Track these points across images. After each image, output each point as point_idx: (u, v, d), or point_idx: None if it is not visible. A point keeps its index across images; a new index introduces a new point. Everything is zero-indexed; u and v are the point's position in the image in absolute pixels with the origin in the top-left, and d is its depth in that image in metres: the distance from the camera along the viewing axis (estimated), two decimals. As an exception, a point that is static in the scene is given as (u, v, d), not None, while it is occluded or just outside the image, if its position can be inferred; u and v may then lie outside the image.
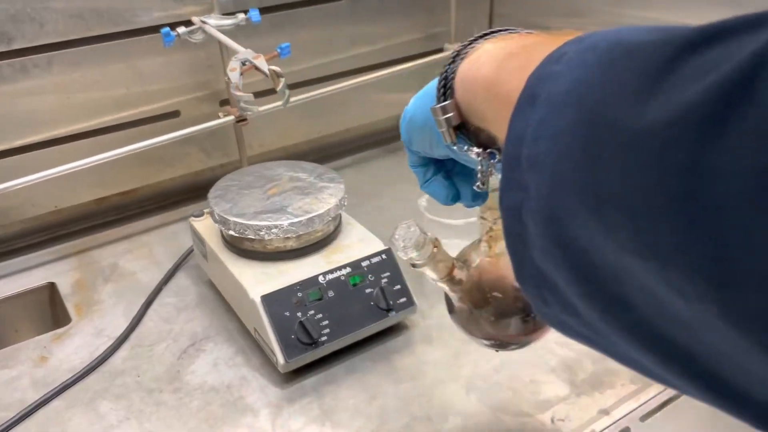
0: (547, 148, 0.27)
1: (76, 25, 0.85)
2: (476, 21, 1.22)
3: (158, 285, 0.84)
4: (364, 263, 0.73)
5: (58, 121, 0.89)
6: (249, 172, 0.82)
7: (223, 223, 0.73)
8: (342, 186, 0.77)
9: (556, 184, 0.27)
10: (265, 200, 0.75)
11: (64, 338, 0.77)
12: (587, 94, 0.26)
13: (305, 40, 1.04)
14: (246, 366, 0.72)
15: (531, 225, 0.28)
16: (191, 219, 0.82)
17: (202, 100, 0.99)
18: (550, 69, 0.30)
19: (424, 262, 0.47)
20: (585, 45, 0.29)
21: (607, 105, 0.25)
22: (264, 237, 0.71)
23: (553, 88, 0.28)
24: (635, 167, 0.23)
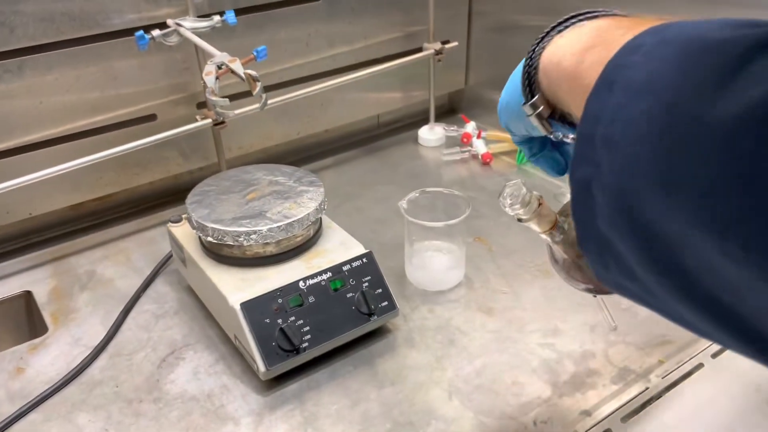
0: (622, 131, 0.30)
1: (47, 29, 0.84)
2: (455, 19, 1.21)
3: (136, 292, 0.83)
4: (345, 267, 0.73)
5: (30, 126, 0.88)
6: (227, 177, 0.81)
7: (201, 229, 0.72)
8: (322, 189, 0.77)
9: (631, 163, 0.30)
10: (244, 205, 0.74)
11: (41, 348, 0.76)
12: (665, 85, 0.29)
13: (282, 40, 1.03)
14: (227, 374, 0.71)
15: (599, 197, 0.32)
16: (169, 225, 0.81)
17: (179, 102, 0.98)
18: (629, 59, 0.32)
19: (530, 217, 0.52)
20: (662, 38, 0.31)
21: (682, 97, 0.28)
22: (243, 243, 0.70)
23: (631, 75, 0.31)
24: (707, 152, 0.26)
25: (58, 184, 0.89)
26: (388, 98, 1.22)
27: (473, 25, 1.24)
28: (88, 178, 0.94)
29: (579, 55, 0.38)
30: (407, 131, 1.26)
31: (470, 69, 1.29)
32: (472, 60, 1.28)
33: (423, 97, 1.24)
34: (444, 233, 0.82)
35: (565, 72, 0.39)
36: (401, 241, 0.85)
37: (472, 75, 1.29)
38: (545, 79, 0.42)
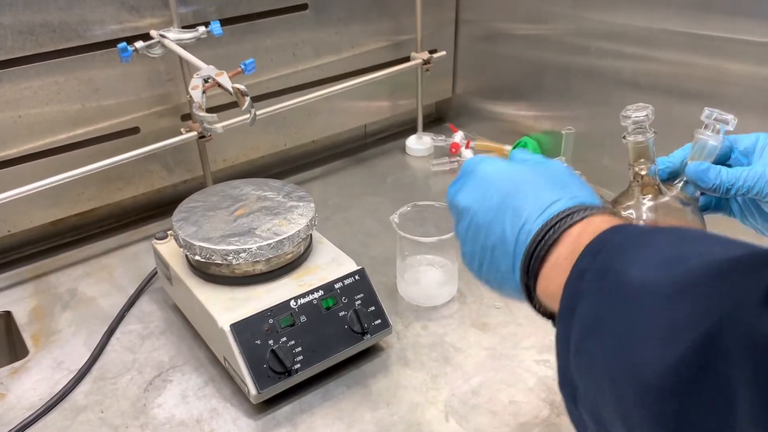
0: (588, 364, 0.36)
1: (26, 42, 0.81)
2: (441, 28, 1.20)
3: (120, 312, 0.81)
4: (337, 285, 0.71)
5: (9, 140, 0.85)
6: (214, 192, 0.79)
7: (188, 247, 0.70)
8: (312, 205, 0.75)
9: (597, 401, 0.35)
10: (232, 222, 0.72)
11: (22, 372, 0.73)
12: (607, 336, 0.34)
13: (269, 50, 1.01)
14: (216, 397, 0.69)
15: (583, 412, 0.37)
16: (154, 241, 0.79)
17: (163, 114, 0.95)
18: (578, 286, 0.37)
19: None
20: (602, 274, 0.36)
21: (624, 353, 0.33)
22: (232, 262, 0.68)
23: (581, 310, 0.36)
24: (641, 414, 0.31)
25: (38, 199, 0.87)
26: (376, 108, 1.20)
27: (460, 34, 1.23)
28: (69, 193, 0.91)
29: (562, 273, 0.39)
30: (394, 141, 1.25)
31: (457, 77, 1.28)
32: (459, 68, 1.27)
33: (410, 107, 1.23)
34: (436, 247, 0.81)
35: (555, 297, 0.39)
36: (392, 254, 0.84)
37: (459, 83, 1.28)
38: (542, 296, 0.42)
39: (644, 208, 0.57)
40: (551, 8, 1.04)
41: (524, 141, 1.12)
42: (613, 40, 0.96)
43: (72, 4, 0.82)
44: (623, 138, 0.57)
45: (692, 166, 0.55)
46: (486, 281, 0.47)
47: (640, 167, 0.57)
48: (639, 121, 0.55)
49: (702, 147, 0.55)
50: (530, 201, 0.43)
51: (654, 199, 0.57)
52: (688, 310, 0.30)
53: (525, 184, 0.45)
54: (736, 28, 0.81)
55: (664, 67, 0.92)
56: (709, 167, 0.54)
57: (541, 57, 1.09)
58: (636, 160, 0.57)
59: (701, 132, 0.56)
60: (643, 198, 0.57)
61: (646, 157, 0.56)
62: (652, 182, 0.57)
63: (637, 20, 0.93)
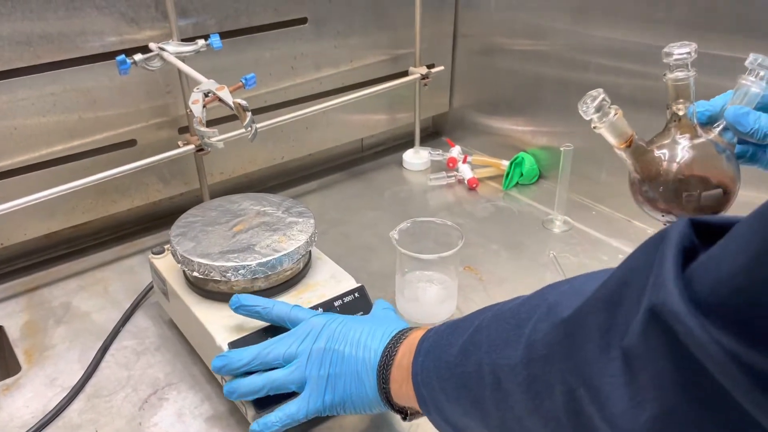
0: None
1: (24, 52, 0.80)
2: (439, 42, 1.21)
3: (115, 327, 0.79)
4: (337, 303, 0.70)
5: (4, 152, 0.84)
6: (212, 207, 0.78)
7: (186, 263, 0.69)
8: (312, 221, 0.74)
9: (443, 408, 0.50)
10: (231, 238, 0.71)
11: (14, 390, 0.72)
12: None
13: (267, 63, 1.01)
14: (213, 416, 0.68)
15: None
16: (150, 256, 0.78)
17: (160, 126, 0.95)
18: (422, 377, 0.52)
19: (602, 125, 0.57)
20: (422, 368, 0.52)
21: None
22: (230, 278, 0.67)
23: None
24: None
25: (33, 212, 0.85)
26: (373, 121, 1.20)
27: (458, 48, 1.23)
28: (64, 205, 0.90)
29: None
30: (391, 154, 1.25)
31: (454, 92, 1.28)
32: (457, 83, 1.27)
33: (407, 121, 1.23)
34: (436, 264, 0.81)
35: (404, 393, 0.54)
36: (390, 270, 0.83)
37: (456, 98, 1.29)
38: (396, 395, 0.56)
39: (679, 147, 0.56)
40: (550, 24, 1.05)
41: (521, 156, 1.12)
42: (612, 56, 0.97)
43: (71, 16, 0.82)
44: (663, 76, 0.56)
45: (732, 109, 0.54)
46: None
47: (678, 107, 0.56)
48: (681, 58, 0.54)
49: (744, 93, 0.54)
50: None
51: (690, 140, 0.56)
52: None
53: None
54: (737, 47, 0.82)
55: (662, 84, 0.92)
56: (749, 111, 0.54)
57: (539, 72, 1.09)
58: (675, 99, 0.56)
59: (744, 77, 0.55)
60: (678, 137, 0.56)
61: (685, 97, 0.56)
62: (689, 124, 0.56)
63: (636, 37, 0.93)
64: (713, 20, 0.84)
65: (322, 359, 0.58)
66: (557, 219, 1.00)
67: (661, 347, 0.30)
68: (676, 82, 0.55)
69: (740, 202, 0.85)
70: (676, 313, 0.29)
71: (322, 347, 0.59)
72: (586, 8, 0.99)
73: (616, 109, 0.57)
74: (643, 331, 0.31)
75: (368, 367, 0.57)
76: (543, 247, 0.95)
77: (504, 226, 1.01)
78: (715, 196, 0.57)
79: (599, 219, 1.02)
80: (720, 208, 0.58)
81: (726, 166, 0.57)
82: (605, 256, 0.93)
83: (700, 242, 0.32)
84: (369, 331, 0.59)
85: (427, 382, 0.51)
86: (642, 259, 0.34)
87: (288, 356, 0.60)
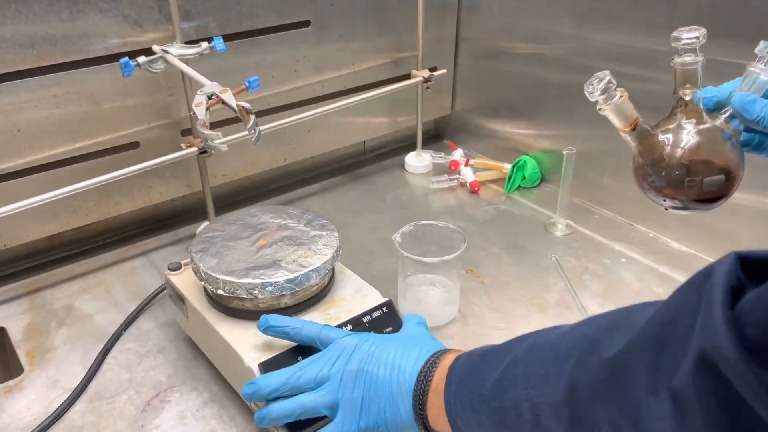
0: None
1: (27, 55, 0.80)
2: (441, 45, 1.21)
3: (117, 331, 0.79)
4: (365, 318, 0.67)
5: (6, 154, 0.84)
6: (232, 221, 0.75)
7: (209, 281, 0.66)
8: (336, 234, 0.72)
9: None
10: (255, 253, 0.68)
11: (16, 391, 0.72)
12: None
13: (270, 66, 1.01)
14: (216, 418, 0.68)
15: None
16: (167, 273, 0.74)
17: (163, 128, 0.95)
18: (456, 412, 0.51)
19: (607, 106, 0.56)
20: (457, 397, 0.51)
21: None
22: (257, 296, 0.64)
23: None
24: None
25: (35, 214, 0.85)
26: (375, 124, 1.20)
27: (460, 51, 1.24)
28: (66, 208, 0.90)
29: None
30: (393, 157, 1.25)
31: (456, 95, 1.28)
32: (459, 86, 1.27)
33: (409, 123, 1.23)
34: (438, 267, 0.81)
35: (442, 421, 0.53)
36: (392, 273, 0.83)
37: (458, 101, 1.29)
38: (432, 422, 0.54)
39: (684, 132, 0.56)
40: (552, 28, 1.05)
41: (523, 160, 1.12)
42: (615, 60, 0.97)
43: (74, 18, 0.82)
44: (671, 60, 0.55)
45: (738, 96, 0.54)
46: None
47: (684, 91, 0.56)
48: (690, 42, 0.54)
49: (752, 80, 0.54)
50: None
51: (696, 125, 0.56)
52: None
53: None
54: (739, 53, 0.81)
55: (665, 88, 0.92)
56: (756, 99, 0.53)
57: (541, 76, 1.09)
58: (682, 84, 0.55)
59: (753, 65, 0.54)
60: (684, 122, 0.56)
61: (693, 82, 0.55)
62: (696, 109, 0.56)
63: (638, 41, 0.93)
64: (716, 25, 0.84)
65: (355, 381, 0.56)
66: (559, 222, 1.00)
67: (713, 393, 0.30)
68: (684, 66, 0.55)
69: (742, 206, 0.85)
70: (728, 359, 0.28)
71: (354, 369, 0.57)
72: (588, 12, 0.99)
73: (621, 91, 0.56)
74: (693, 374, 0.31)
75: (403, 390, 0.55)
76: (545, 251, 0.95)
77: (506, 230, 1.01)
78: (718, 182, 0.56)
79: (601, 222, 1.02)
80: (722, 194, 0.57)
81: (731, 153, 0.56)
82: (607, 260, 0.93)
83: (747, 277, 0.32)
84: (403, 353, 0.57)
85: (461, 413, 0.49)
86: (688, 296, 0.33)
87: (320, 379, 0.57)
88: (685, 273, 0.89)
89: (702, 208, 0.58)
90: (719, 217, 0.90)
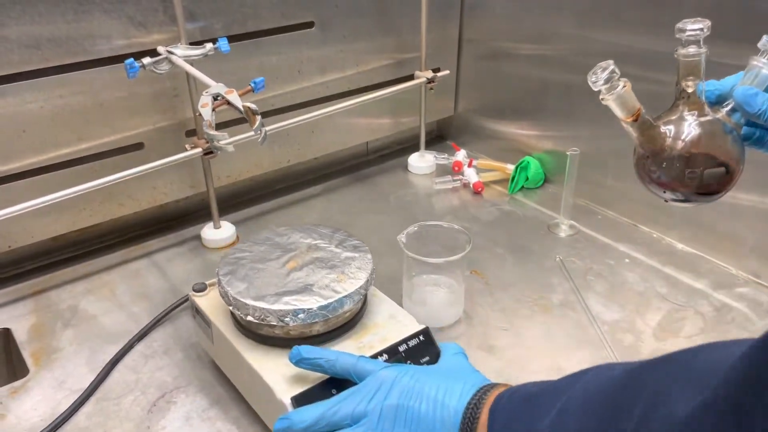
0: None
1: (32, 55, 0.81)
2: (444, 46, 1.21)
3: (130, 341, 0.77)
4: (402, 347, 0.64)
5: (12, 155, 0.84)
6: (260, 241, 0.72)
7: (238, 306, 0.63)
8: (369, 256, 0.69)
9: None
10: (285, 277, 0.66)
11: (22, 392, 0.72)
12: None
13: (274, 67, 1.01)
14: (222, 419, 0.68)
15: None
16: (192, 294, 0.71)
17: (168, 130, 0.95)
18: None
19: (609, 96, 0.56)
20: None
21: None
22: (288, 323, 0.62)
23: None
24: None
25: (40, 215, 0.85)
26: (378, 125, 1.20)
27: (463, 52, 1.24)
28: (71, 209, 0.90)
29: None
30: (396, 158, 1.25)
31: (459, 96, 1.28)
32: (462, 87, 1.27)
33: (412, 124, 1.23)
34: (444, 268, 0.81)
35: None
36: (396, 274, 0.84)
37: (461, 102, 1.29)
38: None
39: (685, 124, 0.56)
40: (555, 28, 1.05)
41: (526, 160, 1.12)
42: (618, 61, 0.96)
43: (79, 19, 0.82)
44: (675, 52, 0.55)
45: (741, 89, 0.54)
46: None
47: (687, 83, 0.56)
48: (694, 34, 0.54)
49: (755, 74, 0.54)
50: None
51: (697, 117, 0.55)
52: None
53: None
54: (742, 55, 0.82)
55: (668, 89, 0.92)
56: (758, 92, 0.53)
57: (544, 76, 1.09)
58: (684, 76, 0.55)
59: (756, 59, 0.54)
60: (686, 114, 0.56)
61: (695, 74, 0.55)
62: (698, 101, 0.56)
63: (641, 42, 0.93)
64: (720, 26, 0.84)
65: (395, 417, 0.53)
66: (563, 223, 1.00)
67: None
68: (687, 57, 0.55)
69: (745, 206, 0.85)
70: None
71: (394, 404, 0.54)
72: (591, 12, 0.99)
73: (625, 81, 0.56)
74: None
75: (447, 427, 0.52)
76: (549, 252, 0.95)
77: (509, 230, 1.01)
78: (718, 174, 0.56)
79: (605, 223, 1.02)
80: (722, 187, 0.57)
81: (731, 146, 0.56)
82: (611, 261, 0.93)
83: None
84: (446, 388, 0.54)
85: None
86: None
87: (357, 415, 0.54)
88: (689, 274, 0.89)
89: (702, 201, 0.58)
90: (723, 217, 0.90)
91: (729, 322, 0.80)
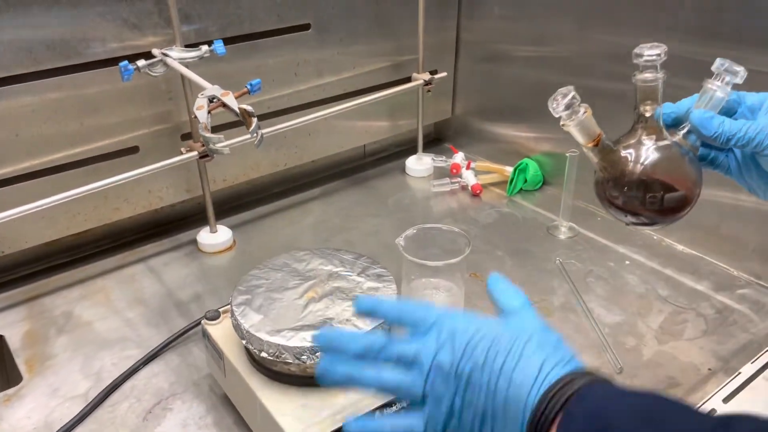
0: None
1: (25, 59, 0.80)
2: (442, 48, 1.20)
3: (135, 365, 0.74)
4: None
5: (5, 159, 0.83)
6: (277, 266, 0.68)
7: (252, 341, 0.59)
8: (393, 286, 0.66)
9: None
10: (303, 308, 0.62)
11: (15, 400, 0.71)
12: None
13: (270, 69, 1.00)
14: (218, 426, 0.67)
15: None
16: (204, 322, 0.67)
17: (163, 134, 0.94)
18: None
19: (570, 122, 0.57)
20: None
21: None
22: (305, 362, 0.58)
23: None
24: None
25: (33, 219, 0.85)
26: (376, 128, 1.19)
27: (460, 55, 1.23)
28: (65, 213, 0.89)
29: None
30: (394, 161, 1.24)
31: (457, 98, 1.28)
32: (459, 89, 1.27)
33: (410, 127, 1.22)
34: (443, 271, 0.80)
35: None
36: (394, 277, 0.82)
37: (458, 104, 1.28)
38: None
39: (644, 148, 0.57)
40: (554, 30, 1.05)
41: (525, 162, 1.12)
42: (618, 62, 0.96)
43: (73, 22, 0.81)
44: (633, 76, 0.56)
45: (697, 112, 0.55)
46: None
47: (645, 108, 0.56)
48: (651, 60, 0.55)
49: (709, 97, 0.55)
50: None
51: (655, 141, 0.57)
52: None
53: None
54: (743, 56, 0.81)
55: (668, 90, 0.92)
56: (713, 116, 0.54)
57: (542, 78, 1.08)
58: (642, 100, 0.56)
59: (710, 82, 0.55)
60: (644, 139, 0.57)
61: (653, 99, 0.56)
62: (656, 125, 0.57)
63: (640, 43, 0.92)
64: (719, 27, 0.83)
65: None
66: (562, 225, 1.00)
67: None
68: (645, 83, 0.56)
69: (746, 208, 0.85)
70: None
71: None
72: (590, 14, 0.99)
73: (585, 107, 0.57)
74: None
75: (516, 411, 0.41)
76: (548, 254, 0.95)
77: (509, 233, 1.01)
78: (678, 197, 0.58)
79: (604, 225, 1.01)
80: (682, 210, 0.59)
81: (689, 169, 0.57)
82: (612, 263, 0.92)
83: None
84: (520, 358, 0.43)
85: None
86: None
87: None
88: (690, 275, 0.89)
89: (663, 223, 0.60)
90: (723, 219, 0.89)
91: (731, 324, 0.80)
